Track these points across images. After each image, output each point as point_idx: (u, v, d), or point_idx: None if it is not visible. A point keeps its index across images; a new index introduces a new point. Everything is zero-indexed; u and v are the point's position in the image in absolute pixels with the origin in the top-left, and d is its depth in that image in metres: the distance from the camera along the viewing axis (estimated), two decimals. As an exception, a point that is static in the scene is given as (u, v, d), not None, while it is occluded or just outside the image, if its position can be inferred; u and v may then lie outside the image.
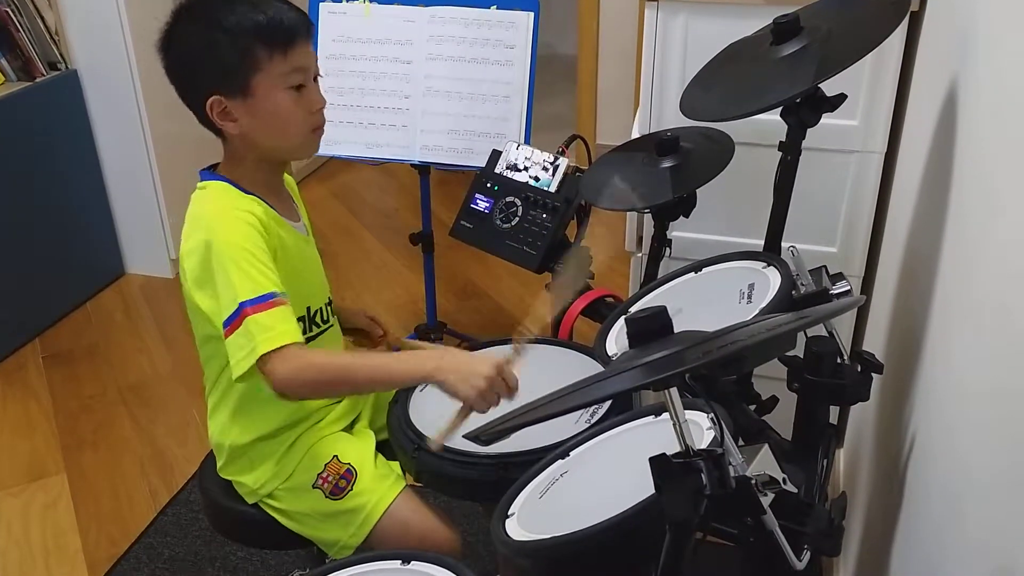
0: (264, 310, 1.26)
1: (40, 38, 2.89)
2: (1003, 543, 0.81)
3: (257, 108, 1.31)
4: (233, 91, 1.30)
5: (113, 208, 3.21)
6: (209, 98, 1.30)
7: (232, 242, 1.28)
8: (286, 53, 1.30)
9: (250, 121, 1.32)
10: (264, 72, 1.30)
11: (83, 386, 2.74)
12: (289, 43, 1.30)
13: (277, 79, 1.31)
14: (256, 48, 1.28)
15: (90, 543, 2.16)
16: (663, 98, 1.91)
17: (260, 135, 1.34)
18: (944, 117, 1.32)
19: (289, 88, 1.32)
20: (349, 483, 1.42)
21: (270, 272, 1.29)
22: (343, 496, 1.41)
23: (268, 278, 1.28)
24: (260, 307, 1.26)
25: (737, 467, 0.91)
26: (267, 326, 1.25)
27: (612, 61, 3.82)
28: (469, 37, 2.23)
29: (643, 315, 0.88)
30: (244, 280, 1.27)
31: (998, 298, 0.90)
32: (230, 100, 1.30)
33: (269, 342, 1.24)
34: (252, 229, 1.30)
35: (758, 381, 1.49)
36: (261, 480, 1.45)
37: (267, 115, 1.32)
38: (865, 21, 1.36)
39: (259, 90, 1.30)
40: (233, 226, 1.30)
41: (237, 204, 1.34)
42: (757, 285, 1.34)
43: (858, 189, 1.89)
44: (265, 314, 1.26)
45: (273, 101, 1.31)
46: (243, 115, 1.31)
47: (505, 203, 2.01)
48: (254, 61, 1.29)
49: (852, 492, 1.82)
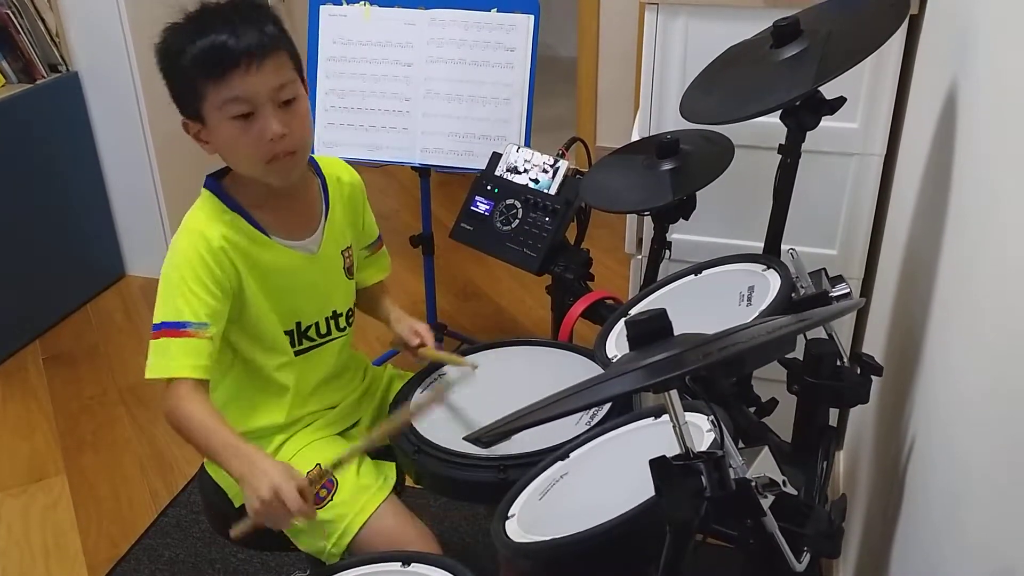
0: (173, 337, 1.30)
1: (41, 40, 2.89)
2: (1002, 545, 0.81)
3: (212, 134, 1.30)
4: (191, 116, 1.31)
5: (114, 210, 3.22)
6: (182, 120, 1.32)
7: (174, 263, 1.32)
8: (220, 83, 1.24)
9: (217, 147, 1.32)
10: (207, 101, 1.27)
11: (83, 387, 2.74)
12: (222, 73, 1.24)
13: (217, 109, 1.26)
14: (196, 77, 1.26)
15: (90, 544, 2.16)
16: (663, 100, 1.91)
17: (232, 161, 1.35)
18: (944, 120, 1.32)
19: (232, 118, 1.26)
20: (330, 492, 1.40)
21: (197, 301, 1.31)
22: (323, 506, 1.39)
23: (190, 306, 1.30)
24: (172, 333, 1.30)
25: (737, 469, 0.91)
26: (167, 352, 1.30)
27: (612, 63, 3.83)
28: (469, 39, 2.24)
29: (643, 317, 0.88)
30: (167, 302, 1.31)
31: (997, 300, 0.91)
32: (192, 124, 1.31)
33: (160, 370, 1.30)
34: (198, 256, 1.32)
35: (758, 383, 1.49)
36: None
37: (218, 143, 1.31)
38: (865, 24, 1.36)
39: (208, 119, 1.29)
40: (183, 248, 1.33)
41: (203, 224, 1.35)
42: (757, 287, 1.34)
43: (858, 192, 1.89)
44: (173, 341, 1.30)
45: (220, 131, 1.29)
46: (208, 138, 1.31)
47: (505, 205, 2.01)
48: (196, 90, 1.26)
49: (852, 494, 1.82)
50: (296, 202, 1.44)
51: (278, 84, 1.27)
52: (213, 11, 1.27)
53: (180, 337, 1.30)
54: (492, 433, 0.88)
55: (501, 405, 1.47)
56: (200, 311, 1.30)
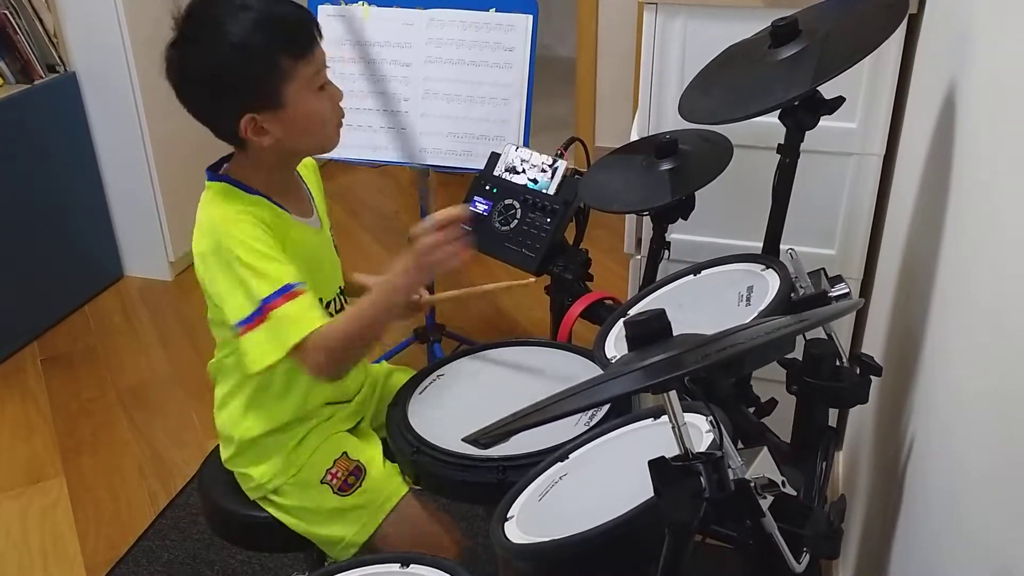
0: (287, 301, 1.28)
1: (39, 40, 2.89)
2: (1002, 545, 0.81)
3: (290, 116, 1.31)
4: (265, 106, 1.29)
5: (112, 210, 3.21)
6: (242, 118, 1.29)
7: (241, 243, 1.30)
8: (308, 58, 1.30)
9: (283, 130, 1.32)
10: (295, 81, 1.29)
11: (82, 389, 2.74)
12: (309, 46, 1.30)
13: (305, 84, 1.30)
14: (280, 59, 1.27)
15: (88, 546, 2.16)
16: (662, 100, 1.91)
17: (294, 141, 1.35)
18: (943, 119, 1.32)
19: (317, 90, 1.32)
20: (358, 479, 1.43)
21: (283, 265, 1.31)
22: (351, 492, 1.42)
23: (282, 271, 1.30)
24: (282, 299, 1.28)
25: (736, 470, 0.91)
26: (293, 317, 1.28)
27: (611, 63, 3.82)
28: (468, 40, 2.23)
29: (642, 318, 0.88)
30: (260, 279, 1.29)
31: (996, 300, 0.90)
32: (262, 114, 1.29)
33: (299, 331, 1.27)
34: (258, 227, 1.31)
35: (757, 383, 1.49)
36: (269, 474, 1.45)
37: (302, 121, 1.32)
38: (863, 24, 1.36)
39: (290, 98, 1.29)
40: (239, 228, 1.31)
41: (240, 206, 1.34)
42: (756, 288, 1.34)
43: (857, 191, 1.89)
44: (289, 304, 1.28)
45: (306, 106, 1.31)
46: (275, 126, 1.31)
47: (504, 205, 2.01)
48: (281, 72, 1.27)
49: (851, 494, 1.81)
50: (295, 183, 1.47)
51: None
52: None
53: (294, 297, 1.28)
54: (491, 434, 0.87)
55: (500, 406, 1.47)
56: (293, 271, 1.31)
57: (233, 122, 1.30)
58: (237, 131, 1.30)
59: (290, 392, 1.45)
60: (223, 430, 1.49)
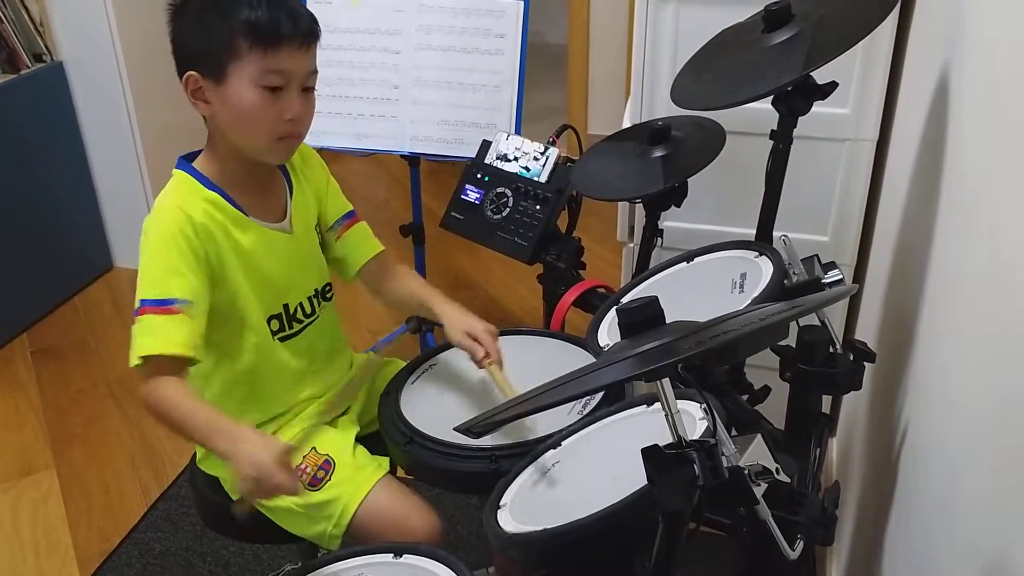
0: (158, 313, 1.28)
1: (25, 30, 2.86)
2: (993, 531, 0.80)
3: (226, 97, 1.30)
4: (208, 72, 1.29)
5: (100, 201, 3.19)
6: (186, 73, 1.30)
7: (158, 239, 1.30)
8: (266, 52, 1.27)
9: (219, 109, 1.31)
10: (243, 64, 1.28)
11: (72, 380, 2.72)
12: (273, 44, 1.27)
13: (251, 74, 1.28)
14: (239, 37, 1.27)
15: (80, 538, 2.15)
16: (654, 87, 1.90)
17: (226, 126, 1.33)
18: (936, 104, 1.32)
19: (262, 87, 1.29)
20: (328, 473, 1.41)
21: (181, 278, 1.29)
22: (321, 486, 1.40)
23: (176, 283, 1.29)
24: (157, 310, 1.28)
25: (730, 457, 0.90)
26: (153, 330, 1.27)
27: (603, 50, 3.81)
28: (458, 27, 2.22)
29: (634, 305, 0.87)
30: (150, 280, 1.29)
31: (989, 286, 0.90)
32: (205, 80, 1.30)
33: (148, 346, 1.27)
34: (181, 232, 1.30)
35: (751, 371, 1.48)
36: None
37: (233, 107, 1.30)
38: (856, 8, 1.35)
39: (232, 79, 1.29)
40: (164, 225, 1.31)
41: (184, 201, 1.33)
42: (749, 275, 1.34)
43: (850, 177, 1.88)
44: (158, 318, 1.28)
45: (241, 95, 1.29)
46: (214, 100, 1.31)
47: (496, 194, 2.00)
48: (234, 49, 1.28)
49: (845, 481, 1.82)
50: (268, 183, 1.45)
51: (311, 70, 1.34)
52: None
53: (165, 314, 1.27)
54: (483, 423, 0.87)
55: (492, 395, 1.46)
56: (185, 288, 1.29)
57: (181, 72, 1.31)
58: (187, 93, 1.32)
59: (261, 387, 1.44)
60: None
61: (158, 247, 1.30)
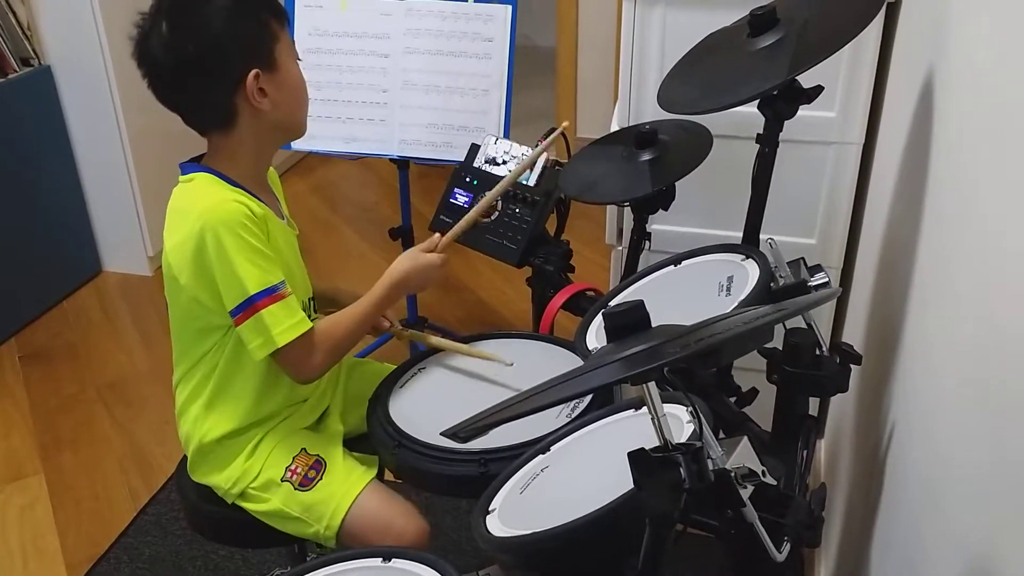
0: (275, 302, 1.31)
1: (12, 34, 2.85)
2: (979, 531, 0.81)
3: (283, 79, 1.34)
4: (264, 63, 1.32)
5: (89, 205, 3.18)
6: (247, 75, 1.29)
7: (232, 231, 1.29)
8: (284, 27, 1.36)
9: (280, 94, 1.34)
10: (280, 43, 1.33)
11: (61, 385, 2.71)
12: (285, 13, 1.35)
13: (287, 50, 1.35)
14: (270, 19, 1.32)
15: (69, 544, 2.14)
16: (642, 91, 1.91)
17: (286, 109, 1.36)
18: (921, 107, 1.32)
19: (295, 60, 1.37)
20: (319, 473, 1.42)
21: (273, 263, 1.32)
22: (312, 487, 1.41)
23: (272, 269, 1.32)
24: (270, 299, 1.30)
25: (716, 460, 0.91)
26: (281, 319, 1.31)
27: (591, 53, 3.82)
28: (446, 30, 2.22)
29: (620, 310, 0.88)
30: (251, 272, 1.29)
31: (975, 287, 0.91)
32: (264, 73, 1.31)
33: (286, 335, 1.32)
34: (249, 220, 1.31)
35: (738, 373, 1.49)
36: (231, 480, 1.44)
37: (290, 86, 1.36)
38: (842, 12, 1.36)
39: (281, 60, 1.34)
40: (231, 217, 1.29)
41: (228, 195, 1.33)
42: (736, 278, 1.34)
43: (836, 180, 1.89)
44: (277, 306, 1.31)
45: (292, 72, 1.36)
46: (272, 89, 1.33)
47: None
48: (271, 32, 1.32)
49: (834, 482, 1.83)
50: (267, 183, 1.47)
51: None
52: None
53: (279, 300, 1.32)
54: (470, 428, 0.87)
55: (481, 399, 1.46)
56: (277, 269, 1.33)
57: (231, 91, 1.30)
58: (234, 102, 1.31)
59: (248, 393, 1.44)
60: (184, 436, 1.48)
61: (238, 240, 1.29)
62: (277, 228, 1.40)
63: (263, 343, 1.32)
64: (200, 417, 1.45)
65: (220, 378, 1.43)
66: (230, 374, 1.43)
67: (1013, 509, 0.73)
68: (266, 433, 1.47)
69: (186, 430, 1.47)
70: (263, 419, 1.46)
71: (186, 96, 1.33)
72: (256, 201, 1.37)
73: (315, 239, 3.44)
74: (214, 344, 1.41)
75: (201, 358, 1.42)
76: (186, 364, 1.44)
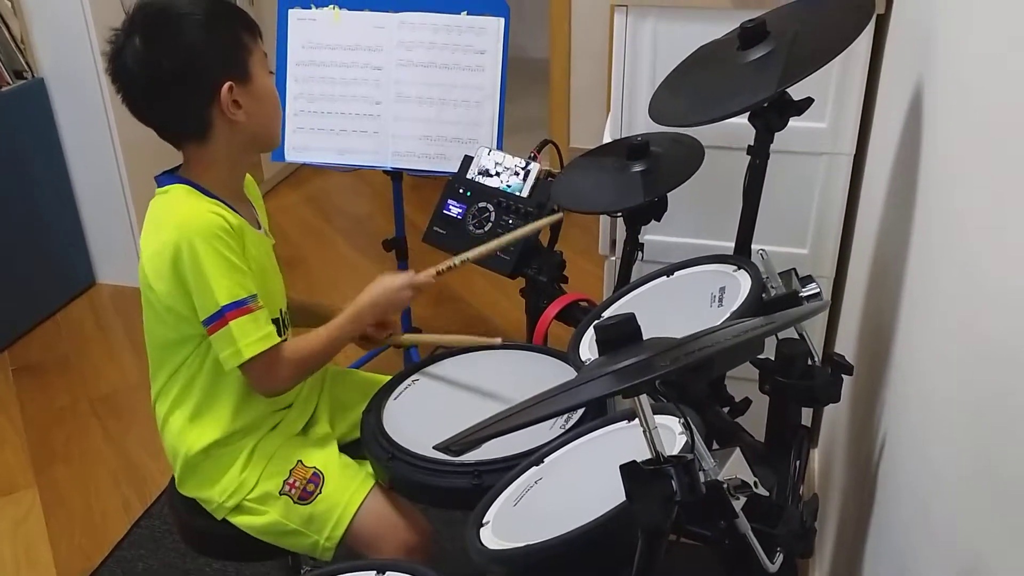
0: (244, 315, 1.31)
1: (5, 46, 2.85)
2: (971, 540, 0.81)
3: (256, 91, 1.35)
4: (238, 75, 1.33)
5: (82, 217, 3.18)
6: (222, 88, 1.31)
7: (207, 243, 1.30)
8: (257, 37, 1.37)
9: (253, 106, 1.35)
10: (253, 55, 1.35)
11: (54, 398, 2.70)
12: (256, 27, 1.37)
13: (260, 62, 1.36)
14: (242, 32, 1.34)
15: (62, 557, 2.13)
16: (634, 102, 1.92)
17: (260, 121, 1.38)
18: (911, 118, 1.33)
19: (268, 72, 1.39)
20: (318, 487, 1.42)
21: (245, 276, 1.32)
22: (312, 500, 1.41)
23: (244, 282, 1.32)
24: (239, 311, 1.31)
25: (708, 471, 0.91)
26: (248, 332, 1.32)
27: (584, 65, 3.83)
28: (439, 42, 2.23)
29: (611, 322, 0.88)
30: (222, 284, 1.30)
31: (963, 298, 0.91)
32: (238, 86, 1.33)
33: (252, 348, 1.32)
34: (224, 232, 1.31)
35: (731, 383, 1.49)
36: (228, 490, 1.43)
37: (263, 98, 1.37)
38: (831, 25, 1.37)
39: (253, 72, 1.35)
40: (206, 228, 1.31)
41: (205, 207, 1.34)
42: (728, 288, 1.35)
43: (828, 191, 1.90)
44: (246, 319, 1.31)
45: (265, 84, 1.38)
46: (246, 100, 1.34)
47: (478, 208, 2.00)
48: (244, 44, 1.34)
49: (827, 492, 1.83)
50: (243, 193, 1.48)
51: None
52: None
53: (248, 313, 1.32)
54: (463, 441, 0.87)
55: (475, 410, 1.47)
56: (249, 283, 1.34)
57: (206, 103, 1.32)
58: (209, 114, 1.33)
59: (230, 401, 1.44)
60: (170, 450, 1.48)
61: (212, 252, 1.30)
62: (252, 238, 1.41)
63: (231, 354, 1.33)
64: (183, 429, 1.44)
65: (200, 388, 1.43)
66: (209, 384, 1.42)
67: (999, 519, 0.73)
68: (257, 443, 1.46)
69: (171, 443, 1.47)
70: (248, 427, 1.46)
71: (161, 109, 1.34)
72: (232, 212, 1.37)
73: (308, 250, 3.44)
74: (188, 354, 1.41)
75: (177, 369, 1.42)
76: (163, 377, 1.45)
